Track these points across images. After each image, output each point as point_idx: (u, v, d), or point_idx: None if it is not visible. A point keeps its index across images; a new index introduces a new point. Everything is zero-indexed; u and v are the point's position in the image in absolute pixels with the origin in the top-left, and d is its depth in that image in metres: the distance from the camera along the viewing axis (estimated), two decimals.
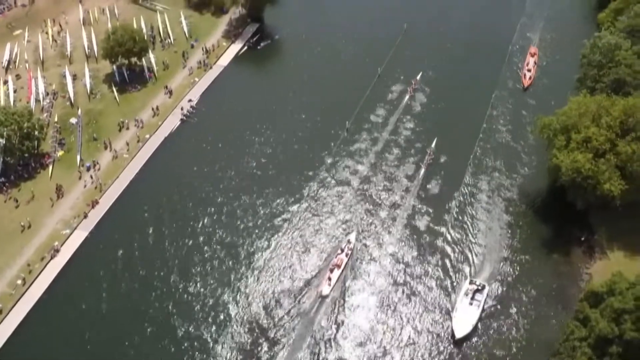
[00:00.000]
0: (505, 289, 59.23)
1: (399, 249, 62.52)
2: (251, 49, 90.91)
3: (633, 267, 57.61)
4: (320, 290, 57.10)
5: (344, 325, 55.59)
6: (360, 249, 62.47)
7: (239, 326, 55.55)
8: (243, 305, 57.23)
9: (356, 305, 57.42)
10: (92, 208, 66.42)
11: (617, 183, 58.25)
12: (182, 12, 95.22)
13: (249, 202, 67.48)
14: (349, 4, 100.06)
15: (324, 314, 56.21)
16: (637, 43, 72.20)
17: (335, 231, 64.09)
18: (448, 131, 74.67)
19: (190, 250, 62.59)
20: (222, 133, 76.05)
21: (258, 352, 53.44)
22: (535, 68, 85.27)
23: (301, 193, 68.33)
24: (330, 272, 58.41)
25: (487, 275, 60.28)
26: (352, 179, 70.02)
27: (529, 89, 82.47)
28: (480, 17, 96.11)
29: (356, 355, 53.55)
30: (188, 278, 59.94)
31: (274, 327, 55.20)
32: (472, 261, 61.65)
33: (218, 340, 54.61)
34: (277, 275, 59.86)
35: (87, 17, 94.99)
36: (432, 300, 57.94)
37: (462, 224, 65.24)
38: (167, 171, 71.60)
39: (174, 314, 56.82)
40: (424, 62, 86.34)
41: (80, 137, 74.16)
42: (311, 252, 62.02)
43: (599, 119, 61.32)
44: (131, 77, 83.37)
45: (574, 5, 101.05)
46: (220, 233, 64.28)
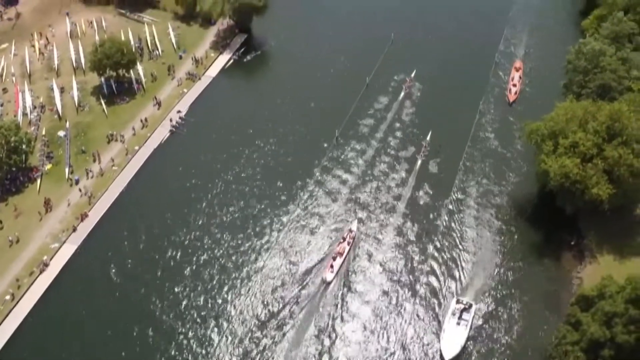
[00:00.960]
0: (496, 295, 59.41)
1: (390, 258, 62.86)
2: (240, 58, 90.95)
3: (623, 270, 57.97)
4: (324, 277, 58.61)
5: (346, 311, 57.38)
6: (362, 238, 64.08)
7: (243, 319, 57.01)
8: (241, 311, 57.31)
9: (357, 292, 59.33)
10: (81, 221, 65.88)
11: (605, 187, 58.79)
12: (170, 24, 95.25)
13: (240, 211, 67.36)
14: (337, 15, 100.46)
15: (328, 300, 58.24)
16: (620, 49, 73.37)
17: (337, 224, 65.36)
18: (436, 142, 75.09)
19: (181, 262, 62.17)
20: (211, 144, 75.91)
21: (265, 336, 55.37)
22: (521, 82, 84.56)
23: (292, 200, 68.35)
24: (333, 259, 60.05)
25: (479, 281, 60.50)
26: (341, 189, 70.05)
27: (514, 104, 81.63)
28: (466, 27, 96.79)
29: (356, 341, 55.29)
30: (180, 290, 59.53)
31: (280, 312, 57.00)
32: (463, 268, 61.89)
33: (219, 337, 55.04)
34: (273, 279, 59.85)
35: (75, 29, 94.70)
36: (421, 315, 57.68)
37: (451, 231, 65.57)
38: (156, 183, 71.28)
39: (167, 327, 56.42)
40: (411, 72, 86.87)
41: (68, 150, 73.70)
42: (310, 248, 62.97)
43: (586, 124, 61.99)
44: (119, 89, 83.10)
45: (558, 13, 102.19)
46: (211, 243, 63.99)
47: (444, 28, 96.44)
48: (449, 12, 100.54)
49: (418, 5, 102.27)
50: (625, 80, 69.43)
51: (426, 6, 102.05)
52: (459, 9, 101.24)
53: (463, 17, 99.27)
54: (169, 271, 61.38)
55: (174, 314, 57.48)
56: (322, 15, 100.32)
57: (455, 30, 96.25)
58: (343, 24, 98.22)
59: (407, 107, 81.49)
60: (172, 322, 56.83)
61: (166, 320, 56.89)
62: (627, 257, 61.83)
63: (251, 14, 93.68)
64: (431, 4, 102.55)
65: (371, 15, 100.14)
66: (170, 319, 57.06)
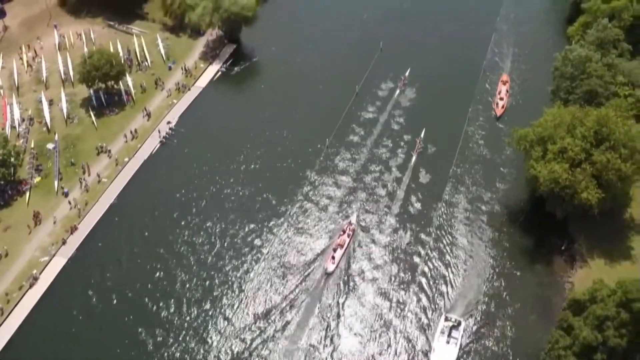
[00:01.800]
0: (489, 302, 59.59)
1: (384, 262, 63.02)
2: (229, 70, 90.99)
3: (613, 273, 58.48)
4: (326, 268, 60.18)
5: (347, 300, 59.42)
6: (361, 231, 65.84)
7: (248, 311, 58.63)
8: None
9: (358, 281, 61.36)
10: (71, 234, 65.37)
11: (594, 192, 59.26)
12: (159, 35, 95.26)
13: (232, 221, 67.16)
14: (325, 24, 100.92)
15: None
16: (606, 55, 74.20)
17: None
18: (424, 154, 75.64)
19: (174, 272, 61.90)
20: (202, 154, 75.72)
21: (271, 323, 57.31)
22: (508, 96, 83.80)
23: (282, 209, 68.32)
24: (334, 251, 61.83)
25: (471, 290, 60.63)
26: (329, 203, 70.03)
27: (501, 118, 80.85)
28: (454, 35, 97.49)
29: (357, 332, 57.17)
30: (171, 304, 59.20)
31: (285, 301, 59.09)
32: (454, 276, 62.07)
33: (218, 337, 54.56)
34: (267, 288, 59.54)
35: (63, 42, 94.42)
36: (410, 333, 57.67)
37: (441, 237, 65.80)
38: (146, 194, 70.90)
39: (160, 339, 55.99)
40: (400, 80, 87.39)
41: (57, 163, 73.23)
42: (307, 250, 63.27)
43: (574, 130, 62.54)
44: (109, 100, 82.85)
45: (544, 21, 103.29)
46: (202, 254, 63.74)
47: (432, 37, 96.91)
48: (436, 21, 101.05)
49: (405, 15, 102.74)
50: (612, 86, 70.22)
51: (413, 16, 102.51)
52: (446, 18, 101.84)
53: (450, 25, 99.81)
54: (161, 283, 61.05)
55: (167, 326, 57.13)
56: (311, 25, 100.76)
57: (442, 38, 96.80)
58: (332, 33, 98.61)
59: (396, 116, 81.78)
60: (166, 334, 56.48)
61: (160, 333, 56.49)
62: (618, 260, 62.35)
63: (240, 25, 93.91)
64: (418, 14, 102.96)
65: (359, 24, 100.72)
66: (164, 330, 56.70)
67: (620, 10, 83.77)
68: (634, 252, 63.16)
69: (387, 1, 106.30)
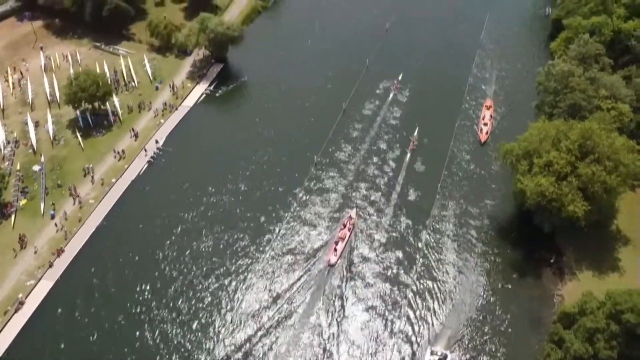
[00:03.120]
0: (479, 317, 59.51)
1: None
2: (213, 92, 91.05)
3: (602, 285, 58.75)
4: (329, 260, 62.81)
5: (349, 289, 61.60)
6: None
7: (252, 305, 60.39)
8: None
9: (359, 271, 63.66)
10: (58, 257, 64.58)
11: (581, 204, 59.78)
12: (146, 56, 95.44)
13: (220, 239, 66.77)
14: (312, 41, 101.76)
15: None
16: (588, 69, 75.43)
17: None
18: (412, 167, 76.27)
19: (161, 297, 61.04)
20: (190, 173, 75.45)
21: (277, 311, 59.31)
22: (492, 121, 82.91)
23: (271, 226, 68.11)
24: (336, 244, 64.60)
25: (462, 306, 60.59)
26: (318, 221, 69.98)
27: (486, 143, 79.78)
28: (439, 52, 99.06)
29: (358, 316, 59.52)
30: (161, 328, 58.42)
31: (290, 290, 61.09)
32: (443, 294, 61.98)
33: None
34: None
35: (49, 63, 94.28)
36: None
37: (430, 255, 65.83)
38: (134, 214, 70.32)
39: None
40: (387, 97, 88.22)
41: (44, 185, 72.59)
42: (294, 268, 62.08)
43: (559, 143, 63.27)
44: (95, 121, 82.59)
45: (527, 37, 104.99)
46: (191, 275, 63.17)
47: (417, 55, 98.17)
48: (420, 39, 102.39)
49: (390, 33, 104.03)
50: (595, 99, 71.22)
51: (398, 34, 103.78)
52: (430, 35, 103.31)
53: (434, 43, 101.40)
54: (150, 305, 60.24)
55: (157, 351, 56.30)
56: (298, 44, 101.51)
57: (427, 55, 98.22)
58: (318, 51, 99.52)
59: (383, 133, 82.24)
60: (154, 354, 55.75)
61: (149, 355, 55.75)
62: (606, 272, 62.74)
63: (227, 44, 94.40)
64: (402, 33, 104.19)
65: (345, 43, 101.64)
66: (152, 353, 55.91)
67: (600, 26, 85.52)
68: (622, 264, 63.63)
69: (372, 20, 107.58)
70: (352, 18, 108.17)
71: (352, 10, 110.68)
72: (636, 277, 61.62)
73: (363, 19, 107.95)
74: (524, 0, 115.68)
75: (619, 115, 69.32)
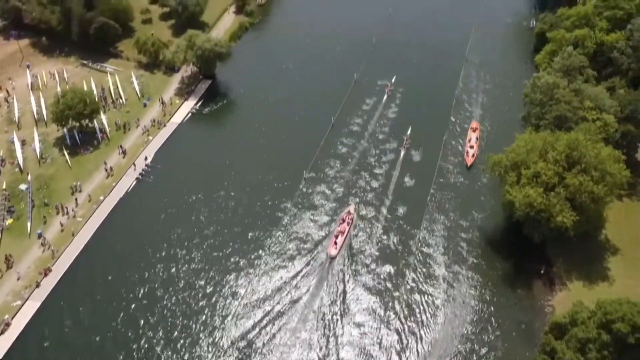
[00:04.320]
0: (471, 330, 59.35)
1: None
2: (205, 104, 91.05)
3: (592, 295, 58.94)
4: (329, 253, 65.02)
5: (350, 281, 63.80)
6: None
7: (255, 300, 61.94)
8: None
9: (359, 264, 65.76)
10: (45, 276, 63.71)
11: (569, 215, 60.17)
12: (133, 73, 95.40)
13: (207, 257, 66.29)
14: (299, 57, 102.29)
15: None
16: (573, 81, 76.41)
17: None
18: (401, 184, 76.56)
19: (150, 317, 60.29)
20: (179, 190, 75.03)
21: (281, 299, 61.55)
22: (478, 144, 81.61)
23: (260, 245, 67.74)
24: (336, 237, 66.80)
25: (453, 318, 60.44)
26: (306, 238, 69.89)
27: (472, 168, 78.61)
28: (426, 64, 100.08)
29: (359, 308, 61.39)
30: (149, 347, 57.63)
31: (293, 282, 63.30)
32: (435, 307, 61.90)
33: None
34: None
35: (36, 81, 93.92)
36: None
37: (420, 269, 65.79)
38: (122, 232, 69.65)
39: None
40: (375, 110, 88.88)
41: (30, 204, 71.83)
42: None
43: (546, 154, 63.82)
44: (83, 139, 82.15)
45: (512, 50, 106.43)
46: (181, 293, 62.55)
47: (404, 68, 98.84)
48: (407, 53, 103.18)
49: (377, 47, 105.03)
50: (580, 111, 72.03)
51: (384, 48, 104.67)
52: (416, 49, 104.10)
53: (421, 55, 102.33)
54: (138, 325, 59.43)
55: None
56: (285, 59, 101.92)
57: (414, 68, 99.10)
58: (306, 66, 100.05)
59: (371, 147, 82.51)
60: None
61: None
62: (595, 281, 63.01)
63: (215, 61, 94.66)
64: (389, 47, 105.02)
65: (333, 58, 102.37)
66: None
67: (583, 39, 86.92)
68: (611, 273, 63.96)
69: (359, 35, 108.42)
70: (339, 33, 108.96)
71: (338, 26, 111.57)
72: (625, 286, 61.88)
73: (349, 33, 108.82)
74: (509, 14, 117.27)
75: (604, 125, 70.12)
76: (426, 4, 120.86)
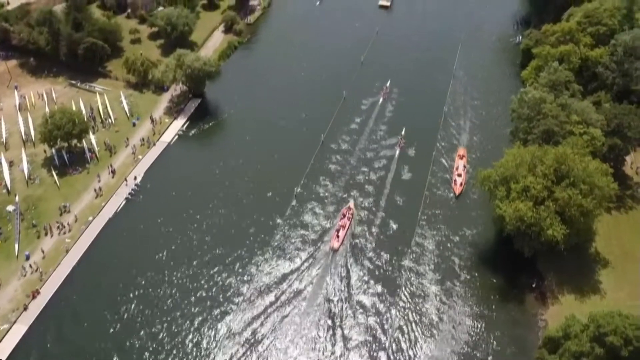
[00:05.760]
0: (464, 345, 59.12)
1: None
2: (194, 123, 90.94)
3: (584, 308, 59.16)
4: (332, 245, 68.23)
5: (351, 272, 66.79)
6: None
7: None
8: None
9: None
10: (33, 299, 62.72)
11: (559, 228, 60.53)
12: (122, 92, 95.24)
13: (197, 275, 65.79)
14: (288, 75, 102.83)
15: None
16: (559, 96, 77.42)
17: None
18: (393, 201, 77.00)
19: (139, 341, 59.39)
20: (168, 209, 74.46)
21: (288, 287, 64.67)
22: (466, 171, 79.88)
23: (250, 264, 67.45)
24: (337, 232, 69.99)
25: (446, 335, 60.20)
26: (298, 254, 69.71)
27: (461, 197, 77.16)
28: (414, 82, 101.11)
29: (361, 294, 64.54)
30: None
31: (297, 275, 66.13)
32: (428, 323, 61.59)
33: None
34: None
35: (23, 102, 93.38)
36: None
37: (412, 285, 65.72)
38: (111, 253, 68.77)
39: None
40: (365, 126, 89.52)
41: (18, 225, 70.96)
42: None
43: (534, 168, 64.34)
44: (72, 159, 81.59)
45: (498, 67, 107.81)
46: (170, 317, 61.82)
47: (394, 85, 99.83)
48: (395, 71, 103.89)
49: (366, 65, 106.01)
50: (567, 125, 72.86)
51: (373, 66, 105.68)
52: (405, 68, 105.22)
53: (409, 75, 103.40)
54: (125, 347, 58.52)
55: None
56: (274, 77, 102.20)
57: (403, 86, 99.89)
58: (295, 84, 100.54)
59: (362, 165, 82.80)
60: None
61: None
62: (587, 294, 63.29)
63: (204, 80, 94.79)
64: (378, 65, 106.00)
65: (322, 75, 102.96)
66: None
67: (568, 54, 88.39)
68: (602, 286, 64.28)
69: (347, 52, 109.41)
70: (327, 52, 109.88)
71: (327, 44, 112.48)
72: (617, 299, 62.12)
73: (338, 52, 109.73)
74: (495, 31, 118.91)
75: (591, 139, 70.92)
76: (412, 23, 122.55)
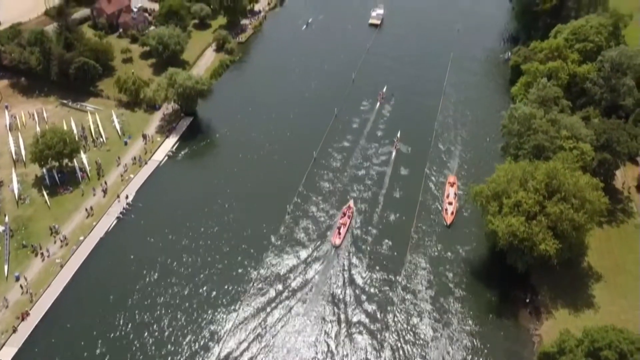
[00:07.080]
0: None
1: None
2: (186, 141, 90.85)
3: (579, 322, 59.08)
4: (334, 242, 70.57)
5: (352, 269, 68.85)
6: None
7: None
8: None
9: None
10: (22, 320, 61.80)
11: (552, 243, 60.64)
12: (114, 111, 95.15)
13: (190, 298, 65.15)
14: (280, 93, 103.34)
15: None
16: (548, 111, 78.16)
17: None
18: (385, 217, 76.95)
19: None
20: (160, 229, 73.90)
21: (291, 285, 66.47)
22: (456, 199, 78.28)
23: (247, 277, 66.88)
24: (339, 229, 72.51)
25: (440, 350, 59.87)
26: (288, 273, 69.37)
27: (452, 225, 75.15)
28: (406, 99, 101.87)
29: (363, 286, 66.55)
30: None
31: (300, 270, 68.35)
32: (423, 339, 61.24)
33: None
34: None
35: (14, 122, 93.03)
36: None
37: (405, 302, 65.45)
38: (102, 274, 67.99)
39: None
40: (357, 144, 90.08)
41: (7, 246, 70.15)
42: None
43: (526, 183, 64.64)
44: (62, 179, 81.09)
45: (488, 82, 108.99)
46: (160, 337, 61.07)
47: (384, 101, 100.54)
48: (387, 87, 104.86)
49: (356, 83, 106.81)
50: (557, 140, 73.49)
51: (364, 83, 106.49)
52: (397, 84, 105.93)
53: (408, 86, 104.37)
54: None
55: None
56: (265, 94, 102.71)
57: (394, 101, 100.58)
58: (286, 101, 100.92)
59: (354, 182, 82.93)
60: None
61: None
62: (581, 309, 63.25)
63: (196, 98, 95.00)
64: (368, 82, 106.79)
65: (313, 93, 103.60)
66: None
67: (556, 70, 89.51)
68: (596, 300, 64.29)
69: (338, 70, 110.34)
70: (319, 69, 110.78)
71: (318, 62, 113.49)
72: (610, 313, 62.09)
73: (330, 70, 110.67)
74: (484, 48, 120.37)
75: (581, 154, 71.51)
76: (402, 40, 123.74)
